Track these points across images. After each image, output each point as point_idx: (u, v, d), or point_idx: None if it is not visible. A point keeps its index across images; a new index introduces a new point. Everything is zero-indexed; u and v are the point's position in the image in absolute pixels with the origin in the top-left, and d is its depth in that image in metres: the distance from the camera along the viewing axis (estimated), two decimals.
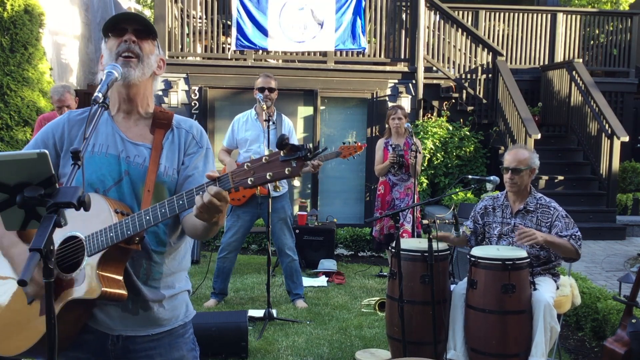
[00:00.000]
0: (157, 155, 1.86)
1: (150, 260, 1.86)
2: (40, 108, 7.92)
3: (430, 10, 9.37)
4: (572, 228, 3.68)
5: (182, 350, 1.95)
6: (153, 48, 1.91)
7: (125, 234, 1.67)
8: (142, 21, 1.88)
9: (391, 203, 5.77)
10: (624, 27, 10.33)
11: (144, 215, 1.67)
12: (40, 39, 8.21)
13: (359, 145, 5.33)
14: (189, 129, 1.96)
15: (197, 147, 1.94)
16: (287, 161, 1.51)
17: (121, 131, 1.89)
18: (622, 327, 3.60)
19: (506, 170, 3.80)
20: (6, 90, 7.78)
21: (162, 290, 1.89)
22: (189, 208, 1.63)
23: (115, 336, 1.84)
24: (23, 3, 7.92)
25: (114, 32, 1.86)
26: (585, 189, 8.71)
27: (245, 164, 1.55)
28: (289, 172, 1.51)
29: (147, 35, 1.89)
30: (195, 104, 8.92)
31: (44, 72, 8.22)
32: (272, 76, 5.30)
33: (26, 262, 1.31)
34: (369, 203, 9.00)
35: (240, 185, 1.56)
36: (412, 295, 3.65)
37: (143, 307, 1.85)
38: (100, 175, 1.83)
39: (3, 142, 7.77)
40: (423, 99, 9.21)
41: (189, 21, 9.24)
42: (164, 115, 1.93)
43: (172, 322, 1.92)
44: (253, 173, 1.54)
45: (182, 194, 1.64)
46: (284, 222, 5.25)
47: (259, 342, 4.40)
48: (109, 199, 1.77)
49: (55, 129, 1.91)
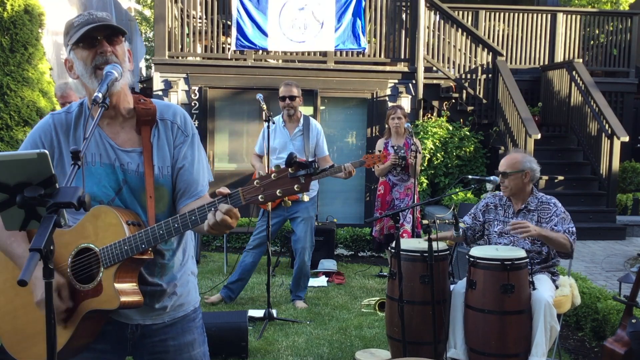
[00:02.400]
0: (149, 158, 1.86)
1: (163, 258, 1.91)
2: (40, 108, 7.92)
3: (430, 10, 9.37)
4: (567, 223, 3.73)
5: (193, 334, 2.02)
6: (124, 47, 1.85)
7: (140, 247, 1.72)
8: (110, 25, 1.79)
9: (391, 203, 5.78)
10: (624, 27, 10.33)
11: (157, 229, 1.71)
12: (40, 39, 8.20)
13: (383, 155, 5.21)
14: (173, 119, 1.94)
15: (184, 137, 1.94)
16: (295, 178, 1.57)
17: (109, 138, 1.87)
18: (622, 327, 3.60)
19: (498, 174, 3.90)
20: (6, 90, 7.78)
21: (176, 281, 1.95)
22: (201, 224, 1.68)
23: (134, 325, 1.91)
24: (23, 3, 7.91)
25: (85, 43, 1.78)
26: (585, 189, 8.71)
27: (254, 181, 1.61)
28: (298, 188, 1.57)
29: (117, 37, 1.82)
30: (195, 104, 8.92)
31: (44, 72, 8.21)
32: (293, 84, 5.18)
33: (26, 262, 1.31)
34: (369, 203, 9.00)
35: (251, 202, 1.61)
36: (412, 296, 3.65)
37: (159, 299, 1.92)
38: (102, 187, 1.84)
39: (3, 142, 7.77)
40: (423, 99, 9.21)
41: (189, 21, 9.24)
42: (146, 112, 1.90)
43: (185, 308, 2.00)
44: (263, 190, 1.60)
45: (195, 210, 1.68)
46: (308, 222, 5.17)
47: (259, 342, 4.40)
48: (119, 211, 1.79)
49: (43, 135, 1.88)
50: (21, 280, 1.28)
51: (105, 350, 1.90)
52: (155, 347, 1.94)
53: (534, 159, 3.95)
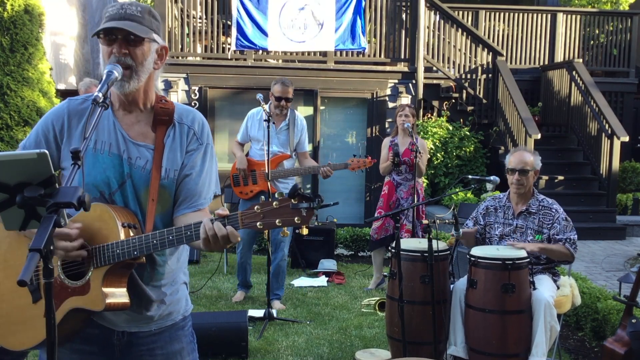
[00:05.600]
0: (159, 158, 1.84)
1: (154, 264, 1.88)
2: (40, 108, 7.91)
3: (430, 10, 9.37)
4: (569, 231, 3.70)
5: (182, 343, 1.99)
6: (148, 50, 1.81)
7: (132, 254, 1.70)
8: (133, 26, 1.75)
9: (396, 203, 5.77)
10: (624, 27, 10.33)
11: (152, 239, 1.70)
12: (40, 39, 8.19)
13: (369, 160, 5.26)
14: (191, 125, 1.92)
15: (197, 144, 1.91)
16: (297, 210, 1.55)
17: (123, 129, 1.86)
18: (622, 327, 3.60)
19: (512, 171, 3.81)
20: (6, 90, 7.77)
21: (164, 289, 1.92)
22: (196, 240, 1.68)
23: (120, 332, 1.88)
24: (23, 3, 7.91)
25: (104, 39, 1.78)
26: (585, 189, 8.71)
27: (255, 206, 1.59)
28: (299, 221, 1.56)
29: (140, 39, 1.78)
30: (195, 104, 8.92)
31: (44, 72, 8.21)
32: (290, 84, 5.18)
33: (26, 262, 1.31)
34: (369, 203, 9.00)
35: (249, 227, 1.60)
36: (412, 295, 3.65)
37: (147, 306, 1.88)
38: (105, 177, 1.82)
39: (3, 142, 7.76)
40: (423, 99, 9.21)
41: (189, 21, 9.24)
42: (164, 111, 1.88)
43: (173, 317, 1.97)
44: (262, 217, 1.58)
45: (191, 226, 1.68)
46: None
47: (259, 342, 4.40)
48: (116, 210, 1.76)
49: (55, 120, 1.87)
50: (21, 280, 1.28)
51: (92, 352, 1.87)
52: (142, 356, 1.91)
53: (539, 156, 3.94)
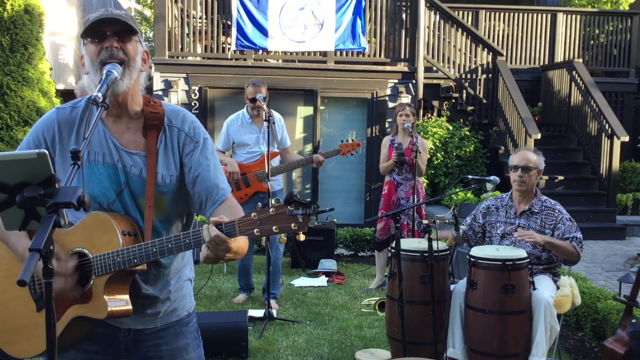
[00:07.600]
0: (153, 164, 1.82)
1: (159, 266, 1.89)
2: (40, 108, 7.91)
3: (430, 10, 9.37)
4: (575, 231, 3.70)
5: (187, 339, 2.00)
6: (137, 46, 1.80)
7: (132, 262, 1.71)
8: (122, 21, 1.75)
9: (397, 202, 5.77)
10: (624, 27, 10.33)
11: (151, 247, 1.70)
12: (40, 39, 8.19)
13: (356, 143, 5.53)
14: (181, 126, 1.88)
15: (194, 144, 1.88)
16: (294, 216, 1.56)
17: (114, 137, 1.83)
18: (622, 327, 3.60)
19: (515, 168, 3.81)
20: (6, 90, 7.78)
21: (170, 287, 1.94)
22: (194, 247, 1.69)
23: (126, 329, 1.89)
24: (23, 3, 7.91)
25: (94, 37, 1.76)
26: (585, 189, 8.70)
27: (252, 213, 1.60)
28: (295, 227, 1.56)
29: (129, 34, 1.78)
30: (195, 104, 8.92)
31: (44, 72, 8.21)
32: (261, 84, 5.22)
33: (26, 262, 1.31)
34: (369, 203, 9.00)
35: (246, 235, 1.61)
36: (412, 295, 3.65)
37: (152, 305, 1.90)
38: (103, 188, 1.81)
39: (3, 142, 7.77)
40: (423, 99, 9.20)
41: (189, 21, 9.24)
42: (154, 116, 1.85)
43: (178, 313, 1.98)
44: (259, 224, 1.59)
45: (189, 233, 1.69)
46: None
47: (259, 342, 4.40)
48: (116, 218, 1.76)
49: (46, 132, 1.84)
50: (20, 280, 1.28)
51: (97, 351, 1.88)
52: (148, 352, 1.92)
53: (542, 157, 3.93)
